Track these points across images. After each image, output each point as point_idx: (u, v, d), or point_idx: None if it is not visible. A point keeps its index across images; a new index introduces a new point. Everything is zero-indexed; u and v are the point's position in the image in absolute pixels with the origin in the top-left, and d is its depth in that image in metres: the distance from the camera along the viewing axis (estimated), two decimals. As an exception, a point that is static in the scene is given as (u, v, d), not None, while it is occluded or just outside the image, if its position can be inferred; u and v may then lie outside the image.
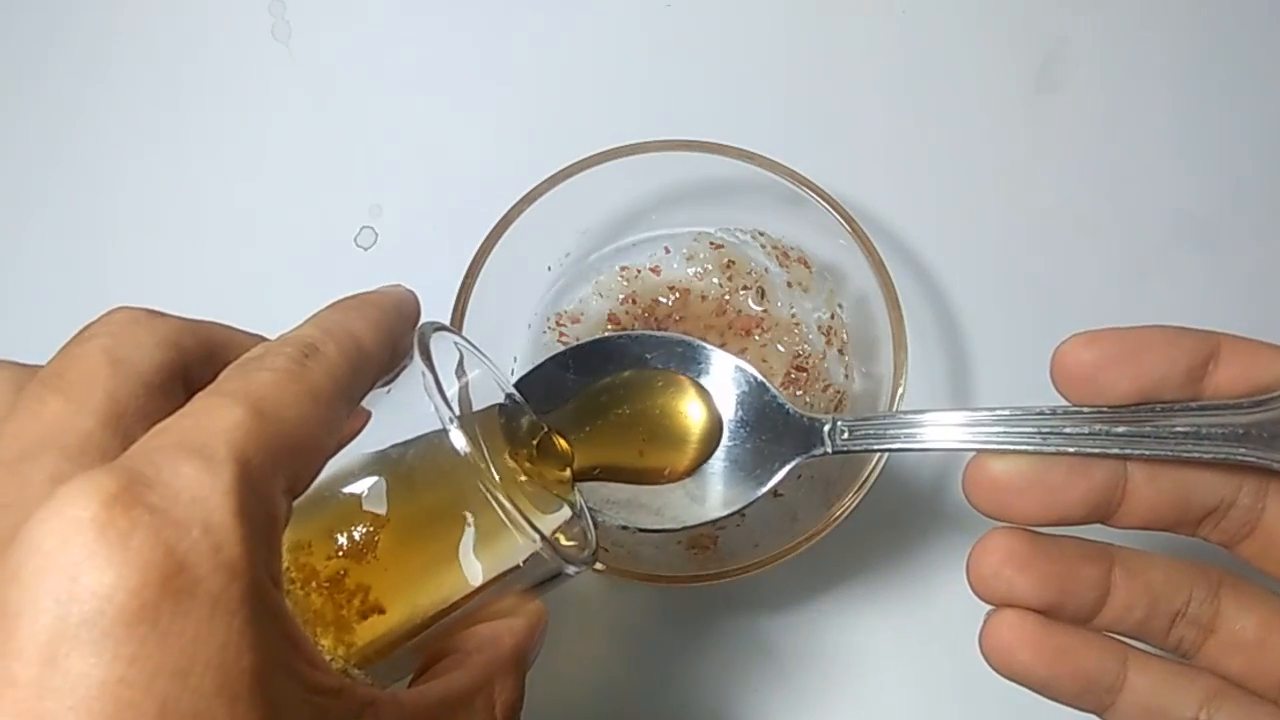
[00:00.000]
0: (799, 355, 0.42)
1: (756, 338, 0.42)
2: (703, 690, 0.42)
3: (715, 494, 0.32)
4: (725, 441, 0.32)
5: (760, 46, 0.49)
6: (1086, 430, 0.24)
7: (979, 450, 0.25)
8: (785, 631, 0.42)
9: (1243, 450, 0.24)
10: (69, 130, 0.49)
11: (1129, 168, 0.47)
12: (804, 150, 0.40)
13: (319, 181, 0.48)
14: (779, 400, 0.31)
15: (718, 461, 0.32)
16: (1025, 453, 0.25)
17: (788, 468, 0.30)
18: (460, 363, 0.30)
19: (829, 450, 0.29)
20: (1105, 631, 0.26)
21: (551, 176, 0.38)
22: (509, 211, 0.38)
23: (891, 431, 0.28)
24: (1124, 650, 0.26)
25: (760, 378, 0.32)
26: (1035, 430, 0.25)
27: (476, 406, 0.30)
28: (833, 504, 0.36)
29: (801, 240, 0.42)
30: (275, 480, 0.20)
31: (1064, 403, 0.25)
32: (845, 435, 0.29)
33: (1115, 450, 0.24)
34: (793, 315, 0.43)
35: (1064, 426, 0.24)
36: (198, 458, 0.18)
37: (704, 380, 0.32)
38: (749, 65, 0.49)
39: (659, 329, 0.42)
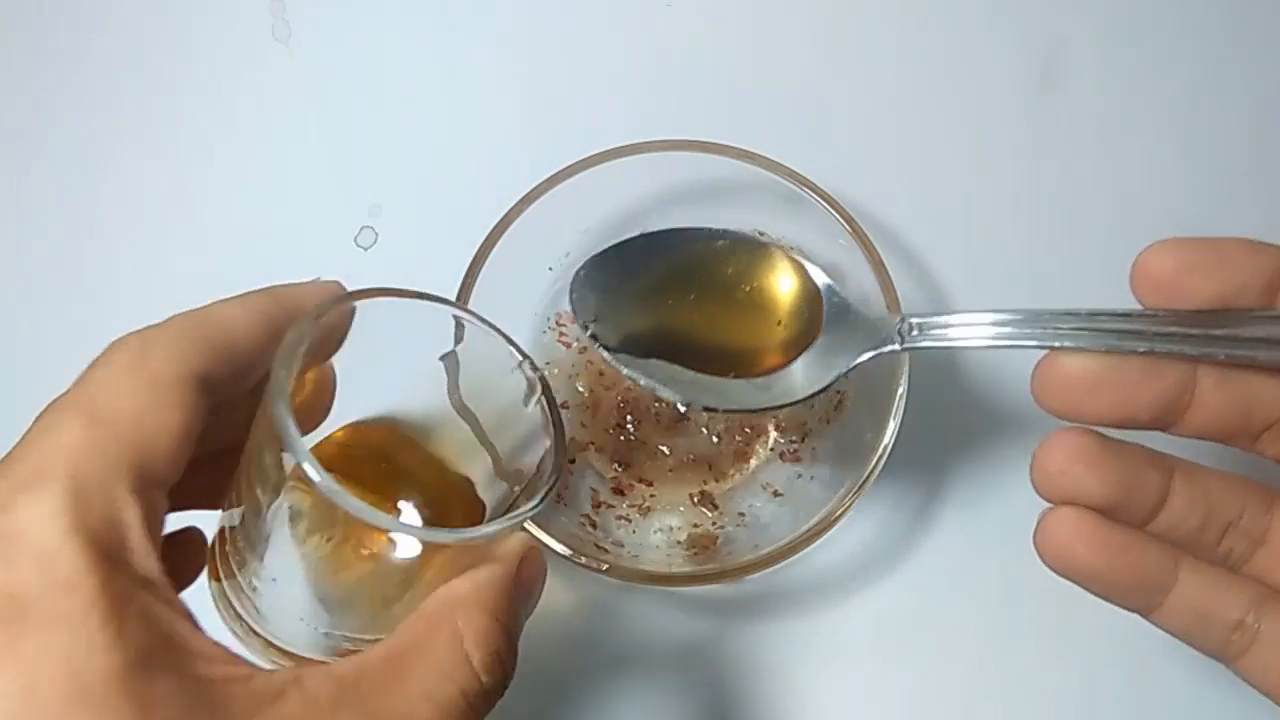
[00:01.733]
0: (799, 355, 0.42)
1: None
2: (703, 690, 0.42)
3: (780, 384, 0.32)
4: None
5: (760, 47, 0.49)
6: (1162, 330, 0.24)
7: (1053, 348, 0.25)
8: (786, 630, 0.42)
9: None
10: (67, 130, 0.49)
11: (1128, 168, 0.47)
12: (804, 150, 0.40)
13: (319, 181, 0.48)
14: (849, 301, 0.31)
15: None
16: (1099, 351, 0.24)
17: (860, 359, 0.30)
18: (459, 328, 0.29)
19: (899, 347, 0.29)
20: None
21: (551, 176, 0.38)
22: (509, 211, 0.38)
23: (958, 329, 0.27)
24: (1176, 553, 0.26)
25: (828, 281, 0.32)
26: (1112, 330, 0.24)
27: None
28: (832, 504, 0.36)
29: (801, 240, 0.42)
30: (117, 481, 0.20)
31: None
32: (915, 332, 0.29)
33: (1190, 350, 0.24)
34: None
35: (1140, 328, 0.24)
36: (30, 486, 0.19)
37: (772, 278, 0.33)
38: (749, 65, 0.49)
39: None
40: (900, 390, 0.36)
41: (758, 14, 0.50)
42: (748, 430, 0.42)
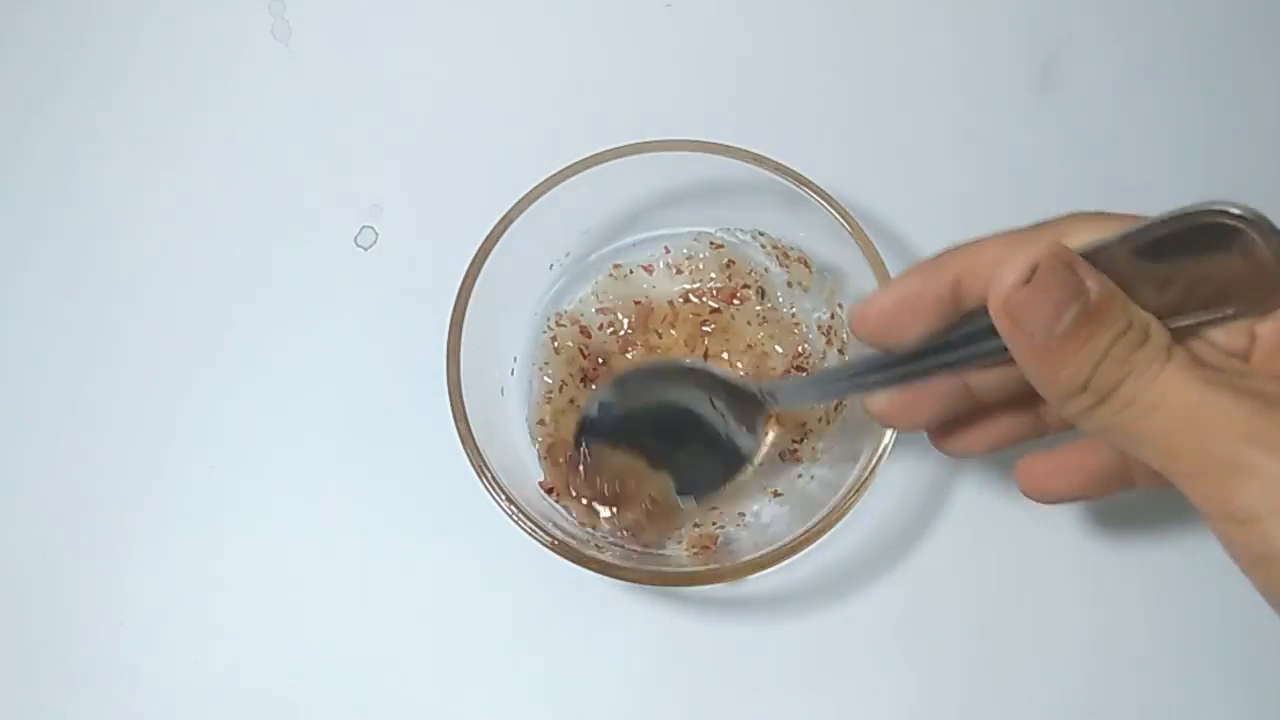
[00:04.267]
0: (799, 355, 0.42)
1: (754, 332, 0.42)
2: (704, 689, 0.42)
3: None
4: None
5: (760, 46, 0.49)
6: (904, 368, 0.30)
7: (862, 394, 0.32)
8: (786, 630, 0.42)
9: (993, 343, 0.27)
10: (67, 130, 0.49)
11: (1129, 168, 0.47)
12: (804, 150, 0.40)
13: (319, 181, 0.48)
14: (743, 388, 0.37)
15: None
16: (877, 392, 0.32)
17: (768, 436, 0.39)
18: None
19: (771, 410, 0.37)
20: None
21: (551, 176, 0.38)
22: (509, 211, 0.38)
23: (791, 393, 0.36)
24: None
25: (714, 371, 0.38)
26: (882, 373, 0.31)
27: None
28: (832, 504, 0.36)
29: (801, 240, 0.42)
30: None
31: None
32: (770, 400, 0.36)
33: (933, 373, 0.30)
34: (793, 315, 0.43)
35: (892, 365, 0.30)
36: None
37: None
38: (749, 65, 0.49)
39: (652, 326, 0.43)
40: (900, 390, 0.36)
41: (757, 14, 0.50)
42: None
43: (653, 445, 0.39)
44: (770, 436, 0.41)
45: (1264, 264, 0.24)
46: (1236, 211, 0.24)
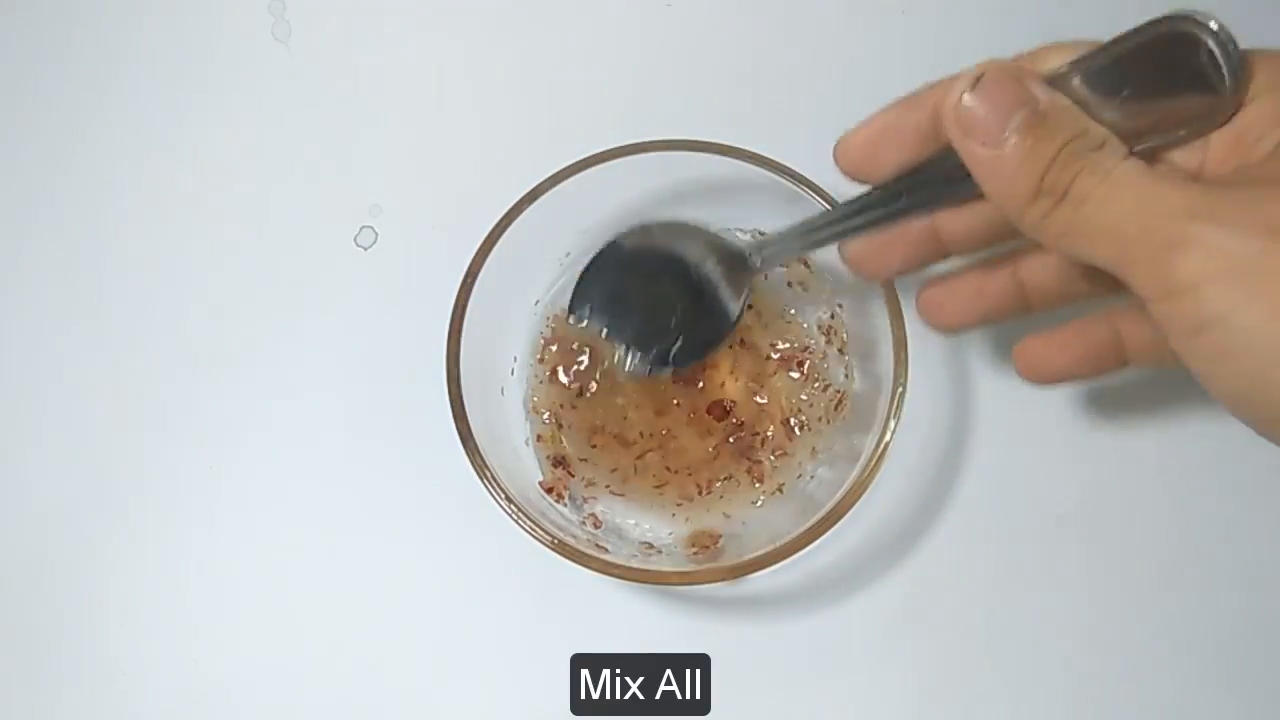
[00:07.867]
0: (799, 354, 0.42)
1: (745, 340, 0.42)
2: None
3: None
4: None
5: (760, 47, 0.49)
6: (883, 207, 0.32)
7: (839, 242, 0.34)
8: (786, 630, 0.42)
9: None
10: (67, 130, 0.49)
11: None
12: (804, 150, 0.40)
13: (319, 181, 0.48)
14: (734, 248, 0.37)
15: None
16: (860, 235, 0.33)
17: (746, 290, 0.38)
18: None
19: (759, 268, 0.37)
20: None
21: (551, 176, 0.38)
22: (509, 211, 0.38)
23: (775, 246, 0.36)
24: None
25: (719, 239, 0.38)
26: (861, 215, 0.32)
27: None
28: (833, 504, 0.36)
29: (801, 240, 0.42)
30: None
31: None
32: (759, 258, 0.37)
33: (909, 211, 0.31)
34: (791, 315, 0.43)
35: (871, 205, 0.32)
36: None
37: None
38: (749, 65, 0.49)
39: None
40: (900, 390, 0.37)
41: (758, 14, 0.50)
42: (750, 432, 0.42)
43: (640, 310, 0.39)
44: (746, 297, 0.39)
45: (1218, 77, 0.26)
46: (1203, 20, 0.26)
